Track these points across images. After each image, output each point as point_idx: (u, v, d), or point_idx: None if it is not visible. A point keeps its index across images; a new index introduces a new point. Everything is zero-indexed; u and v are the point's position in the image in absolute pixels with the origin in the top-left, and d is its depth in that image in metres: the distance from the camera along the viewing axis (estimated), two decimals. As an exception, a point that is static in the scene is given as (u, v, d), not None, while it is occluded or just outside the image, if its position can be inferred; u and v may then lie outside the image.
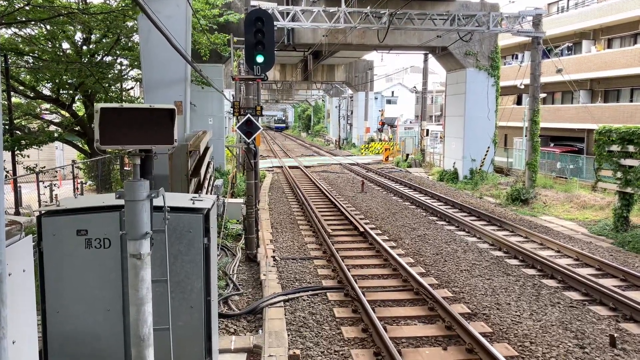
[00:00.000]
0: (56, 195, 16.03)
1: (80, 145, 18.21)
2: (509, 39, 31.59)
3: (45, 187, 15.74)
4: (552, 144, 32.73)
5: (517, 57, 38.18)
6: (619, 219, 14.06)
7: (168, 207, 3.45)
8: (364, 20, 19.70)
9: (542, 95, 24.48)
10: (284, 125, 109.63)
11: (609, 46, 30.80)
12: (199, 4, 17.13)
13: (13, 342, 2.85)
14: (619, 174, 13.97)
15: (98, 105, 2.90)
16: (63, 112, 17.51)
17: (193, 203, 4.55)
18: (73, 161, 15.91)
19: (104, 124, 2.92)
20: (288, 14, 19.13)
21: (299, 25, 19.81)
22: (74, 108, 17.46)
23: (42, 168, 13.88)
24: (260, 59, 10.28)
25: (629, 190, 13.68)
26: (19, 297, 3.00)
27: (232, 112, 11.42)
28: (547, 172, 24.69)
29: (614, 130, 14.13)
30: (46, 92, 17.30)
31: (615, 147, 14.02)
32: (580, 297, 9.05)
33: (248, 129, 10.68)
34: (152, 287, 3.22)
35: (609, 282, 9.66)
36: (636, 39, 29.13)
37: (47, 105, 18.28)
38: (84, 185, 17.12)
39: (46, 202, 14.33)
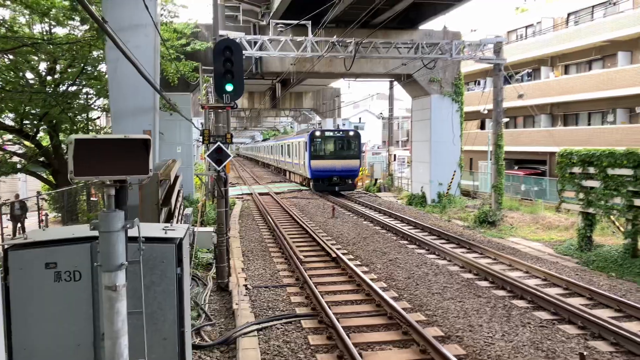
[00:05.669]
0: (22, 227, 15.57)
1: (45, 176, 17.80)
2: (471, 65, 32.57)
3: (8, 219, 15.30)
4: (516, 167, 33.57)
5: (479, 84, 39.34)
6: (583, 239, 14.42)
7: (142, 237, 3.42)
8: (330, 49, 20.03)
9: (505, 119, 25.17)
10: (357, 165, 30.76)
11: (566, 72, 32.07)
12: (167, 33, 17.18)
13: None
14: (581, 195, 14.39)
15: (72, 137, 2.88)
16: (27, 142, 17.14)
17: (165, 233, 4.51)
18: (38, 192, 15.55)
19: (78, 155, 2.90)
20: (256, 43, 19.32)
21: (267, 54, 20.04)
22: (38, 138, 17.12)
23: (6, 201, 13.52)
24: (229, 87, 10.37)
25: (591, 210, 14.08)
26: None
27: (201, 140, 11.40)
28: (512, 194, 25.26)
29: (574, 153, 14.56)
30: (9, 122, 16.93)
31: (576, 169, 14.43)
32: (549, 317, 9.22)
33: (218, 156, 10.66)
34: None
35: (576, 301, 9.87)
36: (591, 65, 30.44)
37: (10, 136, 17.87)
38: (48, 217, 16.69)
39: (9, 235, 13.91)
